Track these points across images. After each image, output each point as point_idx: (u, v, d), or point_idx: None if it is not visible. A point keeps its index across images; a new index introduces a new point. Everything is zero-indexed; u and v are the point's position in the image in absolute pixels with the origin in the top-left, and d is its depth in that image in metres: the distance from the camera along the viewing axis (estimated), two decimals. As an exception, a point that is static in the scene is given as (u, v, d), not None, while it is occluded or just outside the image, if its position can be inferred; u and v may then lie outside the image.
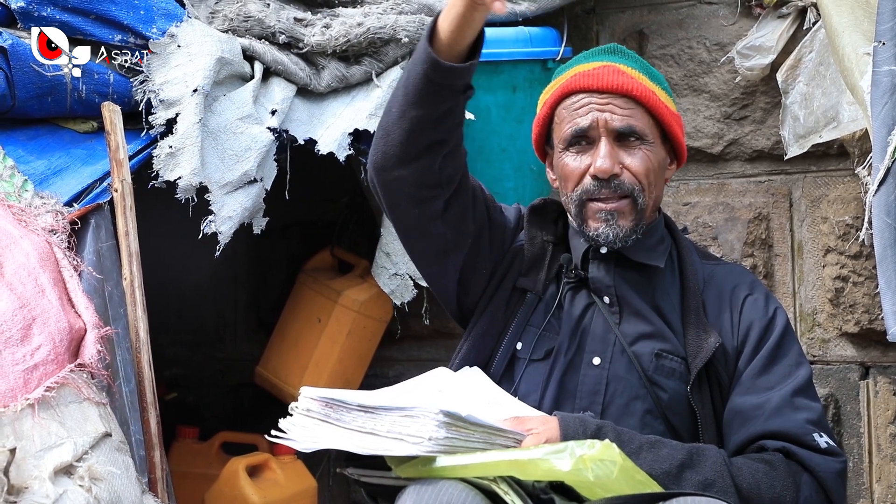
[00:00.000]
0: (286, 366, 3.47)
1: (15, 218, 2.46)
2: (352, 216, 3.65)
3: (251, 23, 2.93)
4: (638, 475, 1.94)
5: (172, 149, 2.65)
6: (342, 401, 2.01)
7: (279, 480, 3.29)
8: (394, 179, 2.21)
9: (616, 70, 2.27)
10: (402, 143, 2.17)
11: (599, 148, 2.24)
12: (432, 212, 2.24)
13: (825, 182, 3.10)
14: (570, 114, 2.27)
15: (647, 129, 2.26)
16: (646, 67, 2.32)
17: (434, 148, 2.17)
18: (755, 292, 2.32)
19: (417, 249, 2.36)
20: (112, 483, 2.18)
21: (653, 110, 2.26)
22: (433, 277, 2.40)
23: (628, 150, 2.25)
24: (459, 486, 1.91)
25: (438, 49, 2.09)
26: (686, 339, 2.26)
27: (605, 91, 2.25)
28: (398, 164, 2.19)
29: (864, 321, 2.99)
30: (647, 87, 2.27)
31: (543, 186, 3.19)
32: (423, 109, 2.13)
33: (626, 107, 2.25)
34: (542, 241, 2.37)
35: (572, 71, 2.30)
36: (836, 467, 2.16)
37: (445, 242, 2.29)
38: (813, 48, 2.96)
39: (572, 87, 2.28)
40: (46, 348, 2.26)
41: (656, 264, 2.30)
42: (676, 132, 2.32)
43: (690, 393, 2.22)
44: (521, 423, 2.09)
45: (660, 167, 2.30)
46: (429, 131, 2.15)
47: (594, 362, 2.25)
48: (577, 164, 2.26)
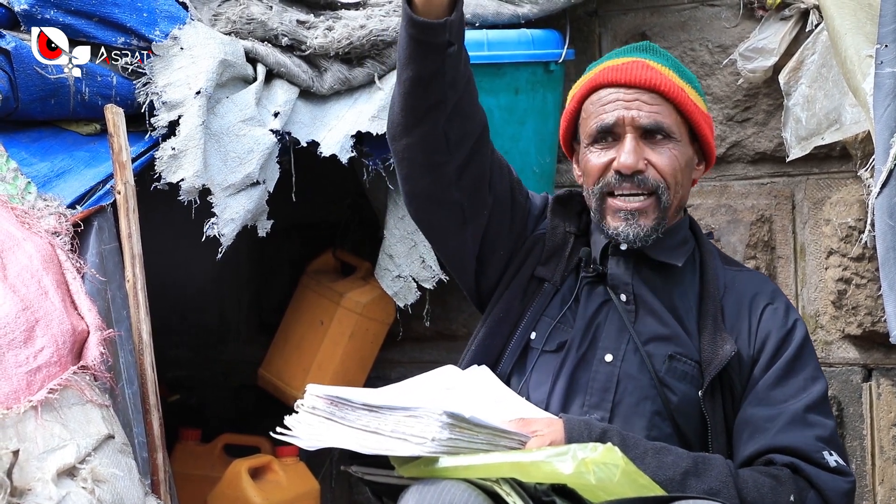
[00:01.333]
0: (289, 368, 3.47)
1: (18, 220, 2.47)
2: (354, 218, 3.65)
3: (254, 25, 2.93)
4: (641, 479, 1.93)
5: (175, 151, 2.66)
6: (348, 399, 2.01)
7: (282, 482, 3.29)
8: (404, 148, 2.23)
9: (645, 65, 2.25)
10: (403, 108, 2.19)
11: (624, 143, 2.22)
12: (445, 178, 2.24)
13: (828, 184, 3.10)
14: (596, 109, 2.26)
15: (674, 127, 2.24)
16: (677, 66, 2.30)
17: (433, 111, 2.17)
18: (776, 302, 2.29)
19: (435, 222, 2.34)
20: (115, 485, 2.19)
21: (681, 107, 2.25)
22: (453, 253, 2.38)
23: (654, 147, 2.23)
24: (462, 487, 1.91)
25: (416, 5, 2.10)
26: (701, 344, 2.24)
27: (633, 86, 2.23)
28: (404, 132, 2.21)
29: (867, 323, 2.99)
30: (676, 83, 2.25)
31: (546, 188, 3.19)
32: (412, 70, 2.14)
33: (654, 103, 2.23)
34: (564, 232, 2.36)
35: (602, 66, 2.30)
36: (844, 487, 2.13)
37: (462, 211, 2.28)
38: (815, 50, 2.96)
39: (600, 82, 2.26)
40: (49, 350, 2.26)
41: (675, 263, 2.28)
42: (705, 132, 2.29)
43: (702, 399, 2.20)
44: (525, 425, 2.09)
45: (687, 166, 2.28)
46: (422, 93, 2.16)
47: (606, 359, 2.24)
48: (601, 160, 2.25)
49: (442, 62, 2.13)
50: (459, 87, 2.18)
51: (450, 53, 2.13)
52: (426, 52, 2.13)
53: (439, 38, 2.11)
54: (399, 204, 3.15)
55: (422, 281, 3.18)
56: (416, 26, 2.10)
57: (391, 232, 3.16)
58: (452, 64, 2.15)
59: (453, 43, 2.13)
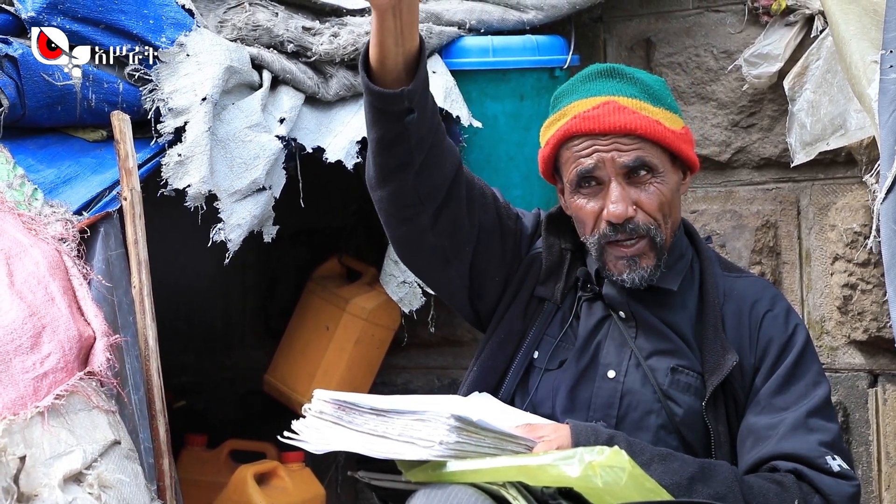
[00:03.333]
0: (294, 374, 3.48)
1: (25, 227, 2.47)
2: (360, 224, 3.66)
3: (260, 32, 2.94)
4: (647, 483, 1.93)
5: (181, 157, 2.66)
6: (354, 403, 2.02)
7: (287, 488, 3.29)
8: (378, 199, 2.25)
9: (616, 108, 2.20)
10: (372, 165, 2.21)
11: (610, 192, 2.20)
12: (420, 227, 2.24)
13: (833, 190, 3.10)
14: (574, 155, 2.24)
15: (655, 160, 2.22)
16: (645, 88, 2.25)
17: (400, 170, 2.17)
18: (776, 308, 2.29)
19: (417, 263, 2.37)
20: (121, 491, 2.19)
21: (660, 142, 2.22)
22: (439, 287, 2.41)
23: (639, 186, 2.21)
24: (469, 491, 1.91)
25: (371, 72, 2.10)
26: (703, 355, 2.23)
27: (608, 133, 2.20)
28: (377, 185, 2.23)
29: (873, 329, 2.99)
30: (649, 119, 2.21)
31: (551, 195, 3.18)
32: (376, 133, 2.15)
33: (632, 143, 2.20)
34: (560, 250, 2.35)
35: (572, 111, 2.24)
36: (849, 491, 2.13)
37: (444, 252, 2.28)
38: (820, 56, 2.96)
39: (573, 131, 2.23)
40: (56, 356, 2.26)
41: (670, 288, 2.27)
42: (686, 151, 2.27)
43: (705, 410, 2.20)
44: (532, 431, 2.09)
45: (673, 194, 2.26)
46: (387, 154, 2.16)
47: (609, 375, 2.24)
48: (591, 207, 2.23)
49: (404, 127, 2.12)
50: (426, 145, 2.17)
51: (408, 121, 2.11)
52: (386, 119, 2.12)
53: (397, 107, 2.10)
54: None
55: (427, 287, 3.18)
56: (372, 94, 2.10)
57: (397, 238, 3.16)
58: (415, 127, 2.13)
59: (413, 110, 2.11)
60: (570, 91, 2.29)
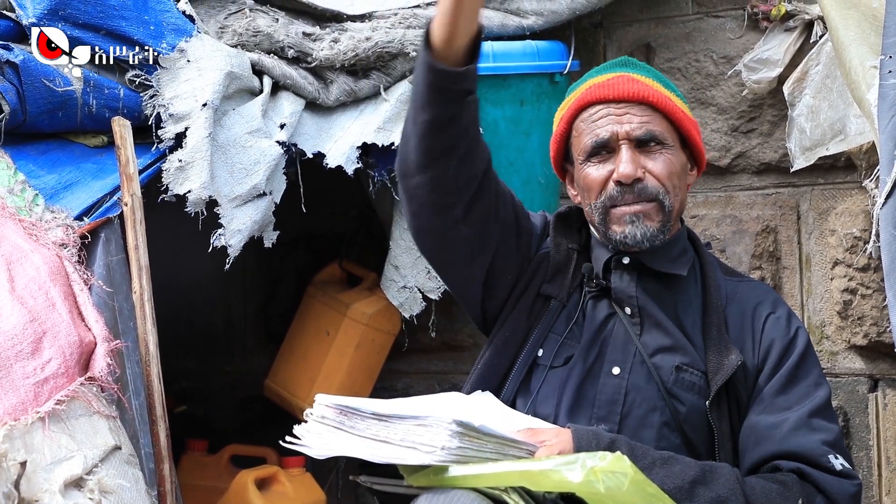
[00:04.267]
0: (295, 379, 3.48)
1: (26, 232, 2.48)
2: (360, 229, 3.66)
3: (260, 37, 2.94)
4: (649, 488, 1.93)
5: (182, 163, 2.67)
6: (356, 408, 2.02)
7: (288, 493, 3.29)
8: (415, 186, 2.22)
9: (630, 79, 2.28)
10: (417, 148, 2.18)
11: (621, 154, 2.25)
12: (453, 217, 2.24)
13: (833, 195, 3.10)
14: (588, 126, 2.28)
15: (666, 133, 2.27)
16: (658, 77, 2.33)
17: (446, 154, 2.17)
18: (777, 311, 2.32)
19: (443, 257, 2.35)
20: (122, 496, 2.19)
21: (670, 116, 2.28)
22: (460, 285, 2.39)
23: (649, 155, 2.26)
24: (471, 496, 1.92)
25: (436, 51, 2.09)
26: (707, 355, 2.25)
27: (622, 100, 2.26)
28: (417, 171, 2.21)
29: (873, 334, 2.99)
30: (662, 93, 2.28)
31: (551, 199, 3.20)
32: (429, 114, 2.13)
33: (644, 114, 2.26)
34: (567, 249, 2.37)
35: (587, 84, 2.32)
36: (851, 490, 2.14)
37: (471, 248, 2.29)
38: (819, 61, 2.96)
39: (588, 99, 2.29)
40: (57, 362, 2.27)
41: (679, 272, 2.30)
42: (695, 137, 2.33)
43: (709, 409, 2.21)
44: (534, 435, 2.09)
45: (682, 171, 2.31)
46: (438, 137, 2.15)
47: (614, 372, 2.25)
48: (600, 173, 2.27)
49: (460, 108, 2.14)
50: (471, 132, 2.20)
51: (469, 101, 2.14)
52: (446, 99, 2.12)
53: (461, 86, 2.11)
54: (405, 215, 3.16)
55: (427, 291, 3.19)
56: (437, 73, 2.09)
57: (397, 243, 3.17)
58: (468, 110, 2.16)
59: (473, 91, 2.14)
60: (584, 78, 2.36)
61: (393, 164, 2.96)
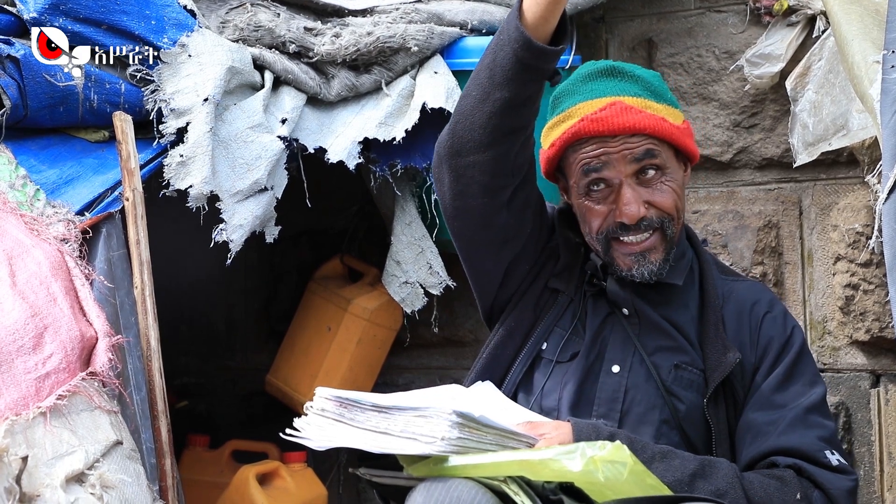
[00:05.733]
0: (296, 374, 3.48)
1: (27, 227, 2.48)
2: (362, 224, 3.66)
3: (261, 32, 2.94)
4: (649, 478, 1.94)
5: (183, 158, 2.66)
6: (356, 401, 2.02)
7: (289, 488, 3.29)
8: (469, 165, 2.20)
9: (623, 109, 2.21)
10: (483, 126, 2.15)
11: (623, 194, 2.21)
12: (500, 201, 2.23)
13: (835, 190, 3.10)
14: (582, 157, 2.24)
15: (664, 155, 2.24)
16: (647, 86, 2.27)
17: (514, 134, 2.16)
18: (773, 310, 2.33)
19: (477, 240, 2.32)
20: (123, 491, 2.19)
21: (666, 139, 2.24)
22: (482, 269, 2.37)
23: (651, 186, 2.23)
24: (470, 485, 1.92)
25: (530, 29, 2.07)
26: (704, 353, 2.26)
27: (617, 134, 2.22)
28: (476, 149, 2.18)
29: (875, 329, 2.99)
30: (655, 116, 2.23)
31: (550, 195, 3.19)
32: (509, 92, 2.11)
33: (639, 142, 2.22)
34: (575, 243, 2.37)
35: (577, 111, 2.24)
36: (848, 485, 2.16)
37: (506, 233, 2.29)
38: (822, 56, 2.96)
39: (582, 133, 2.23)
40: (58, 357, 2.27)
41: (674, 282, 2.30)
42: (689, 145, 2.30)
43: (706, 406, 2.23)
44: (533, 428, 2.10)
45: (683, 189, 2.29)
46: (511, 115, 2.14)
47: (613, 370, 2.26)
48: (601, 209, 2.25)
49: (539, 89, 2.13)
50: (536, 116, 2.20)
51: (555, 81, 2.15)
52: (531, 77, 2.11)
53: (551, 65, 2.10)
54: (406, 210, 3.16)
55: (429, 287, 3.19)
56: (532, 50, 2.07)
57: (398, 238, 3.17)
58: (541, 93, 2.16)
59: (559, 72, 2.14)
60: (571, 91, 2.29)
61: (394, 159, 2.98)
